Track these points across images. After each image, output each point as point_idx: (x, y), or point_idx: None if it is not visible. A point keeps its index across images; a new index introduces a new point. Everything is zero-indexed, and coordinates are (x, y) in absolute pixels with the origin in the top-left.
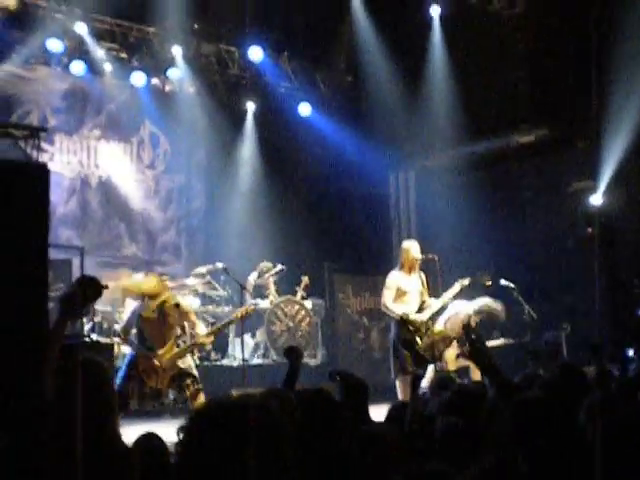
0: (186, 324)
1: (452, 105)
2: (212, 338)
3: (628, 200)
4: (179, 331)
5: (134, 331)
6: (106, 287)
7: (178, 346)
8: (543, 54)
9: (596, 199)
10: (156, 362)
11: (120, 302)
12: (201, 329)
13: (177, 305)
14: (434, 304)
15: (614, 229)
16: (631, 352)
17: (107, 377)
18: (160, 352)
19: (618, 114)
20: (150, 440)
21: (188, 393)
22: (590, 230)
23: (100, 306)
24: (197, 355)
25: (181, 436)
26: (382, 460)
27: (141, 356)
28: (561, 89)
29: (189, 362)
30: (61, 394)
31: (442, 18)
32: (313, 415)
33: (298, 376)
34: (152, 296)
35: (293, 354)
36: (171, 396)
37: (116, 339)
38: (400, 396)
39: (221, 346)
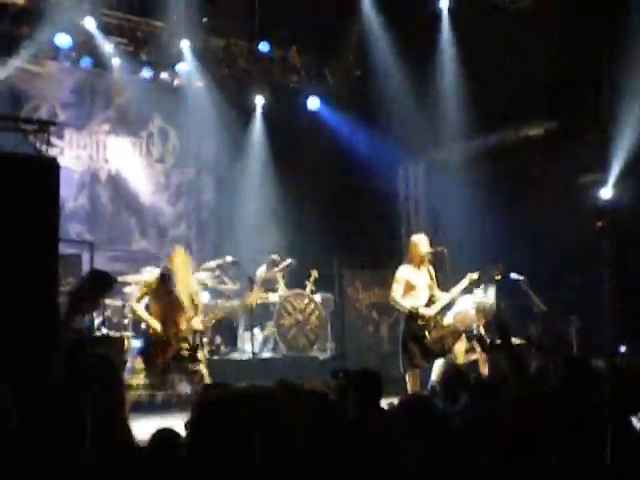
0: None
1: (461, 98)
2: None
3: (638, 193)
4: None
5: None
6: (116, 281)
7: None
8: (553, 47)
9: (606, 192)
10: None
11: (130, 296)
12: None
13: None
14: (443, 298)
15: (624, 222)
16: (623, 348)
17: (116, 371)
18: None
19: (628, 107)
20: (165, 434)
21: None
22: (600, 223)
23: (110, 300)
24: (207, 349)
25: (188, 429)
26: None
27: (150, 345)
28: (571, 82)
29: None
30: (71, 388)
31: (451, 11)
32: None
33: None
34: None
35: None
36: (185, 389)
37: (127, 333)
38: (410, 389)
39: (231, 340)
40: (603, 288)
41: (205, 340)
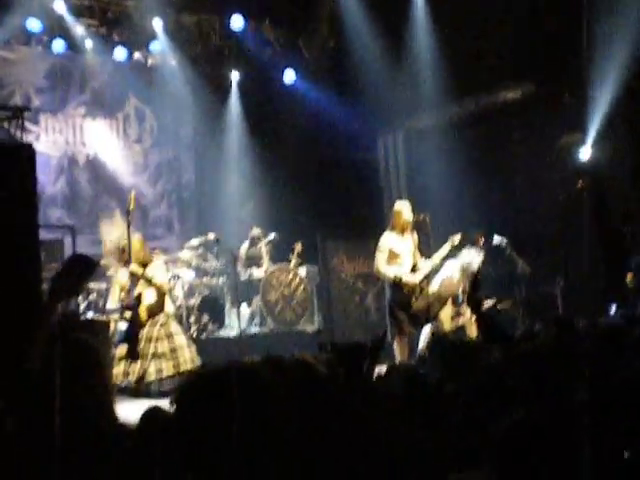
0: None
1: (437, 65)
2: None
3: (616, 152)
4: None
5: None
6: (98, 264)
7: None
8: (527, 10)
9: (585, 153)
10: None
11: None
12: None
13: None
14: (426, 264)
15: (603, 181)
16: (613, 308)
17: (100, 357)
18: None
19: (604, 67)
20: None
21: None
22: (580, 183)
23: (94, 284)
24: (194, 328)
25: (174, 408)
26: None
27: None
28: (546, 44)
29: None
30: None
31: None
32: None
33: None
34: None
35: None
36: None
37: (112, 316)
38: (398, 358)
39: (218, 317)
40: (585, 248)
41: (192, 319)
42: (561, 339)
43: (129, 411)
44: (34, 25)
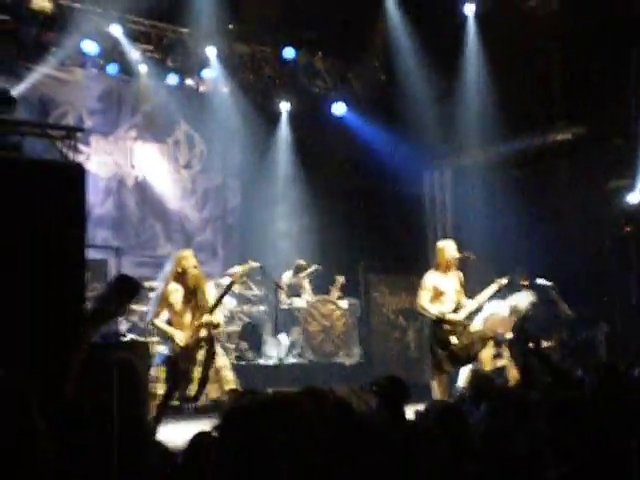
0: None
1: (488, 103)
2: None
3: None
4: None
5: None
6: (142, 286)
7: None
8: (580, 51)
9: (634, 197)
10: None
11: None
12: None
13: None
14: (470, 303)
15: None
16: None
17: (139, 376)
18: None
19: None
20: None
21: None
22: (628, 229)
23: (137, 306)
24: (233, 355)
25: (216, 434)
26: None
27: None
28: (598, 87)
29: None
30: (95, 393)
31: (476, 16)
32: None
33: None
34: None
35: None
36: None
37: (153, 338)
38: (437, 396)
39: (256, 346)
40: (632, 294)
41: (232, 346)
42: (605, 386)
43: (174, 431)
44: (90, 47)
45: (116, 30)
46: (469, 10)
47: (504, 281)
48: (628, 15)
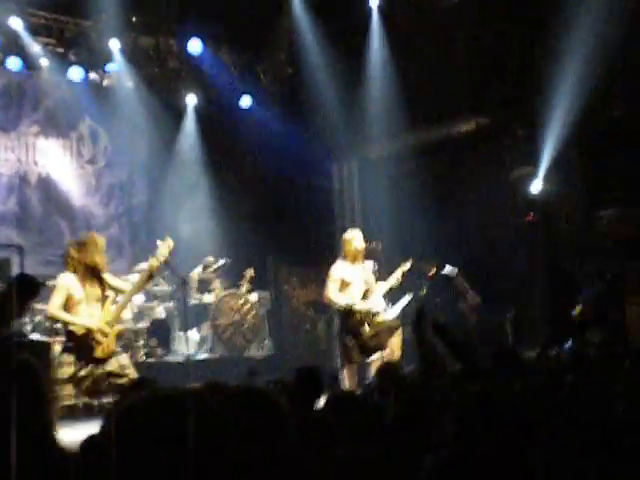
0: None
1: (392, 95)
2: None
3: (567, 186)
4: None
5: None
6: (44, 285)
7: None
8: (483, 42)
9: (536, 185)
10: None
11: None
12: None
13: None
14: (377, 291)
15: (554, 215)
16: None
17: (39, 377)
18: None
19: (556, 101)
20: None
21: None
22: (531, 215)
23: (42, 305)
24: (142, 352)
25: (113, 432)
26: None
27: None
28: (499, 78)
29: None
30: None
31: (381, 8)
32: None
33: None
34: None
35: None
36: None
37: (57, 338)
38: (346, 386)
39: (166, 342)
40: (536, 279)
41: (140, 343)
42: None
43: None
44: None
45: (16, 23)
46: (373, 2)
47: (407, 266)
48: (530, 6)
